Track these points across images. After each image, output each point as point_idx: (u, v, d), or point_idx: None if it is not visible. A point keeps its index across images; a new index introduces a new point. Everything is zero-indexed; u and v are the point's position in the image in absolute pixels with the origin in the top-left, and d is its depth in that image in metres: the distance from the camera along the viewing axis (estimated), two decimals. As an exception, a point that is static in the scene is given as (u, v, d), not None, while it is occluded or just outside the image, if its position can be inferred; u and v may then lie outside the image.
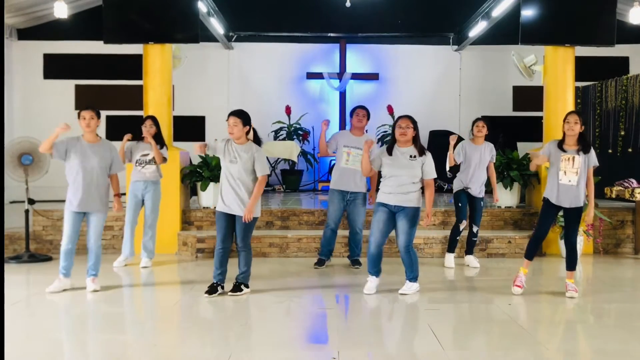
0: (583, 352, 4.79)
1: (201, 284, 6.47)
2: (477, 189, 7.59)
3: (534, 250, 6.33)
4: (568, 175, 6.04)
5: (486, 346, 4.89)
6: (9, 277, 6.80)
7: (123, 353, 4.64)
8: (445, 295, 6.41)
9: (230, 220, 6.14)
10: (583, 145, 6.10)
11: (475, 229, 7.71)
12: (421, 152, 6.14)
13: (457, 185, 7.64)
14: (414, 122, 6.16)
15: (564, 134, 6.15)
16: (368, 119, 7.45)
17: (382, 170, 6.19)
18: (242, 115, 6.10)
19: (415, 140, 6.16)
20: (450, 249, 7.78)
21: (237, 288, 6.23)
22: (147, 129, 7.53)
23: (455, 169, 7.79)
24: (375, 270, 6.30)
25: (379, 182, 6.50)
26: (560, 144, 6.15)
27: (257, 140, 6.30)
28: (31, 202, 8.21)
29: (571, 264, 6.25)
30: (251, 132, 6.21)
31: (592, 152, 6.16)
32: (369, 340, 4.97)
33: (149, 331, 5.29)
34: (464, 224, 7.64)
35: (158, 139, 7.60)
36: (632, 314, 5.72)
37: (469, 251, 7.82)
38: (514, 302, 6.00)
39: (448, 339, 4.87)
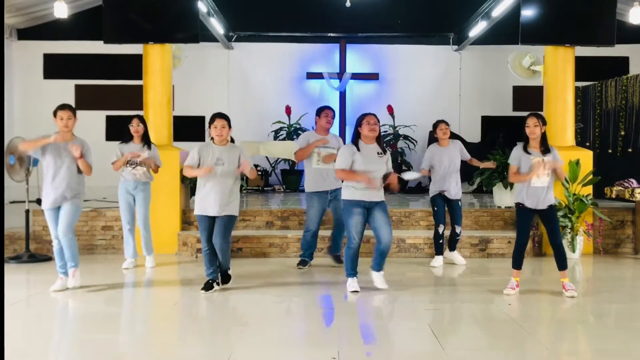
0: (583, 352, 4.79)
1: (201, 284, 6.47)
2: (453, 191, 7.57)
3: (520, 259, 6.24)
4: (541, 178, 6.05)
5: (486, 346, 4.89)
6: (9, 277, 6.78)
7: (123, 353, 4.64)
8: (445, 295, 6.41)
9: (212, 220, 6.17)
10: (545, 146, 6.13)
11: (458, 229, 7.70)
12: (384, 150, 6.29)
13: (432, 190, 7.65)
14: (379, 120, 6.32)
15: (528, 137, 6.16)
16: (334, 119, 7.61)
17: (354, 167, 6.16)
18: (227, 118, 6.26)
19: (379, 138, 6.29)
20: (438, 252, 7.76)
21: (226, 277, 6.34)
22: (135, 128, 7.52)
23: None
24: (356, 271, 6.36)
25: None
26: (525, 148, 6.16)
27: (232, 141, 6.49)
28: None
29: (562, 264, 6.20)
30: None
31: (555, 151, 6.22)
32: (368, 340, 4.97)
33: (149, 331, 5.29)
34: (442, 228, 7.65)
35: (145, 138, 7.60)
36: (632, 314, 5.72)
37: (453, 247, 7.82)
38: (514, 302, 6.00)
39: (448, 339, 4.86)
